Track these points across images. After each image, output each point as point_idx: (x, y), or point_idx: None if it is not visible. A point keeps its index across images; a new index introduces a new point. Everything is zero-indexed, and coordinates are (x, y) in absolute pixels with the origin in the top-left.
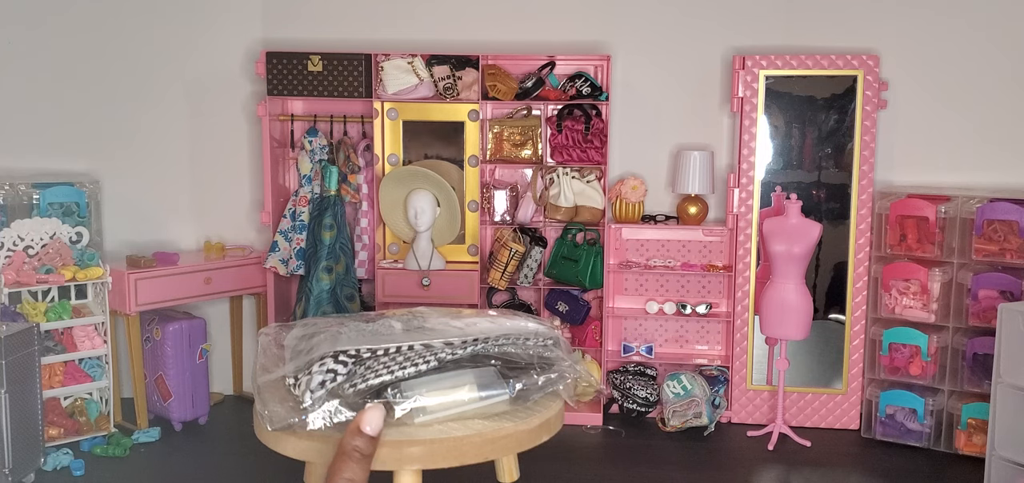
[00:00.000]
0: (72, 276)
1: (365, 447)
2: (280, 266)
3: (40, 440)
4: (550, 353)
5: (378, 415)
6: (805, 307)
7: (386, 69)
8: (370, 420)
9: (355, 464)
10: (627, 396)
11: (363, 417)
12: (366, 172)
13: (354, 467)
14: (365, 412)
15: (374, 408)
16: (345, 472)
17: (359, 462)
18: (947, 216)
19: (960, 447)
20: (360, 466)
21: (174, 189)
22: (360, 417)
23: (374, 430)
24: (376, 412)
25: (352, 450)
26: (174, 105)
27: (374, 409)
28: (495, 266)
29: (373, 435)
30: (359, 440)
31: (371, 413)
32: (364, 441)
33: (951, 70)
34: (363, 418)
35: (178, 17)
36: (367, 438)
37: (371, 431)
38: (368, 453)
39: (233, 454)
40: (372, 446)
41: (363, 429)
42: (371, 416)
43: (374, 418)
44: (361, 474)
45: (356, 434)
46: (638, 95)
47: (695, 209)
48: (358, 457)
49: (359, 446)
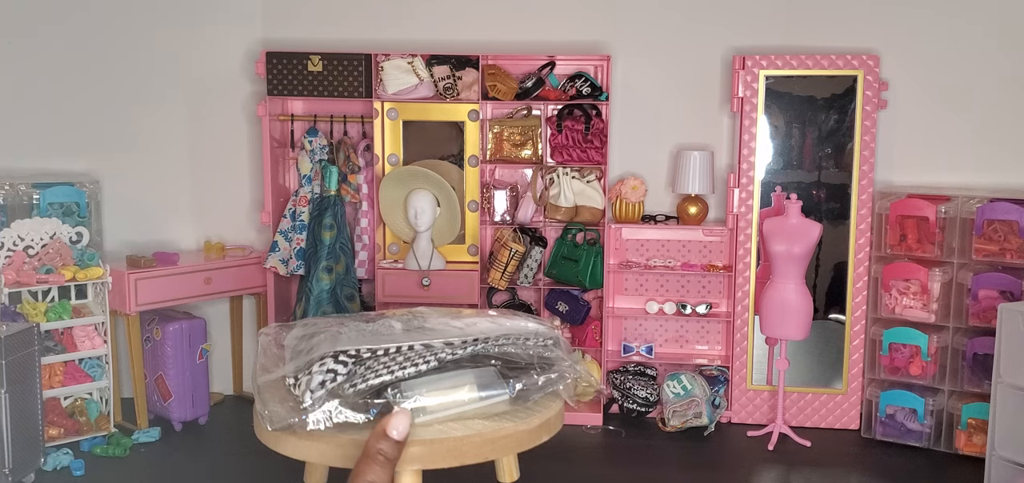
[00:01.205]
0: (72, 276)
1: (390, 451)
2: (280, 266)
3: (40, 440)
4: (550, 353)
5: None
6: (805, 307)
7: (386, 69)
8: (396, 424)
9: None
10: (627, 396)
11: (390, 421)
12: (366, 172)
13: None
14: (392, 416)
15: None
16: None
17: (383, 465)
18: (947, 216)
19: (960, 447)
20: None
21: (174, 189)
22: (387, 421)
23: (400, 435)
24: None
25: (377, 453)
26: (174, 105)
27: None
28: (495, 266)
29: (399, 440)
30: (385, 444)
31: (398, 418)
32: (390, 445)
33: (951, 70)
34: (390, 422)
35: (178, 17)
36: (393, 442)
37: (397, 436)
38: (393, 457)
39: (233, 454)
40: (397, 451)
41: (390, 433)
42: (398, 421)
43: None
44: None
45: (382, 437)
46: (638, 95)
47: (695, 209)
48: (383, 460)
49: (384, 450)
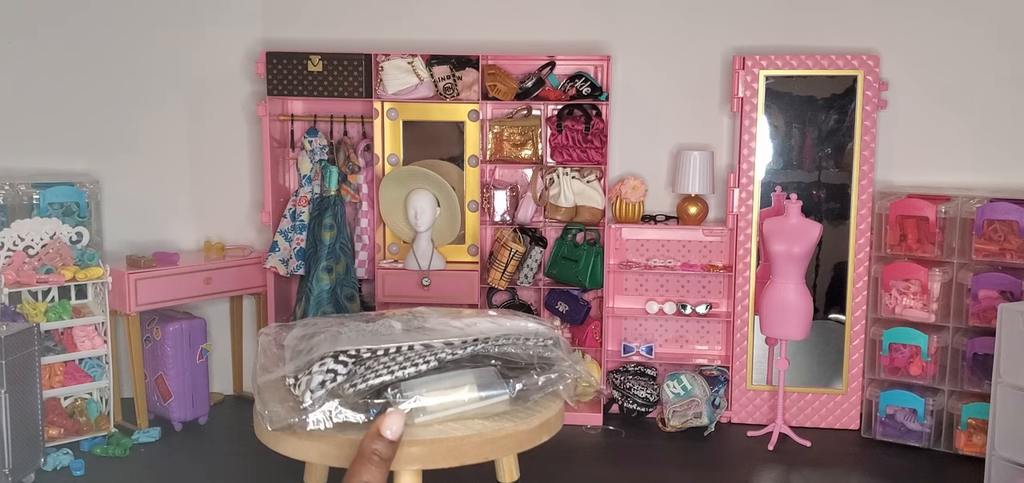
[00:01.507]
0: (72, 276)
1: (385, 451)
2: (280, 266)
3: (40, 440)
4: (550, 353)
5: (399, 420)
6: (805, 307)
7: (386, 69)
8: (390, 424)
9: (374, 467)
10: (627, 396)
11: (384, 421)
12: (366, 172)
13: (373, 470)
14: (386, 416)
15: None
16: (364, 474)
17: (378, 465)
18: (947, 216)
19: (960, 447)
20: (379, 469)
21: (174, 189)
22: (381, 421)
23: (394, 435)
24: (397, 417)
25: (372, 453)
26: (174, 105)
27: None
28: (495, 266)
29: (393, 440)
30: (379, 444)
31: (392, 418)
32: (384, 445)
33: (951, 70)
34: (384, 422)
35: (178, 17)
36: (387, 442)
37: (391, 436)
38: (387, 457)
39: (233, 454)
40: (392, 450)
41: (384, 433)
42: (392, 421)
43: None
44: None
45: (376, 438)
46: (638, 95)
47: (695, 209)
48: (377, 460)
49: (379, 450)
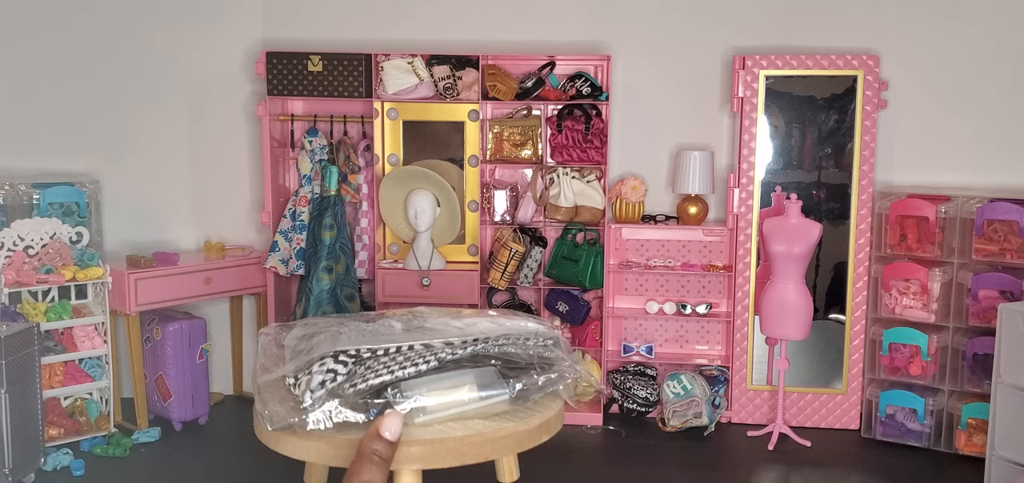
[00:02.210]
0: (72, 276)
1: (384, 451)
2: (280, 266)
3: (40, 440)
4: (550, 353)
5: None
6: (805, 307)
7: (386, 69)
8: (389, 425)
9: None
10: (627, 396)
11: (383, 422)
12: (366, 172)
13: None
14: (385, 417)
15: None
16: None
17: (378, 465)
18: (947, 216)
19: (960, 447)
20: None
21: (174, 189)
22: (380, 421)
23: (393, 435)
24: (396, 418)
25: (371, 454)
26: (174, 105)
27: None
28: (495, 266)
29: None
30: (378, 444)
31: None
32: (383, 445)
33: (951, 71)
34: (383, 423)
35: (178, 18)
36: (386, 442)
37: (391, 436)
38: (387, 457)
39: (233, 454)
40: (391, 450)
41: (383, 434)
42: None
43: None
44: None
45: (375, 438)
46: (638, 95)
47: (695, 209)
48: (377, 460)
49: (378, 450)
